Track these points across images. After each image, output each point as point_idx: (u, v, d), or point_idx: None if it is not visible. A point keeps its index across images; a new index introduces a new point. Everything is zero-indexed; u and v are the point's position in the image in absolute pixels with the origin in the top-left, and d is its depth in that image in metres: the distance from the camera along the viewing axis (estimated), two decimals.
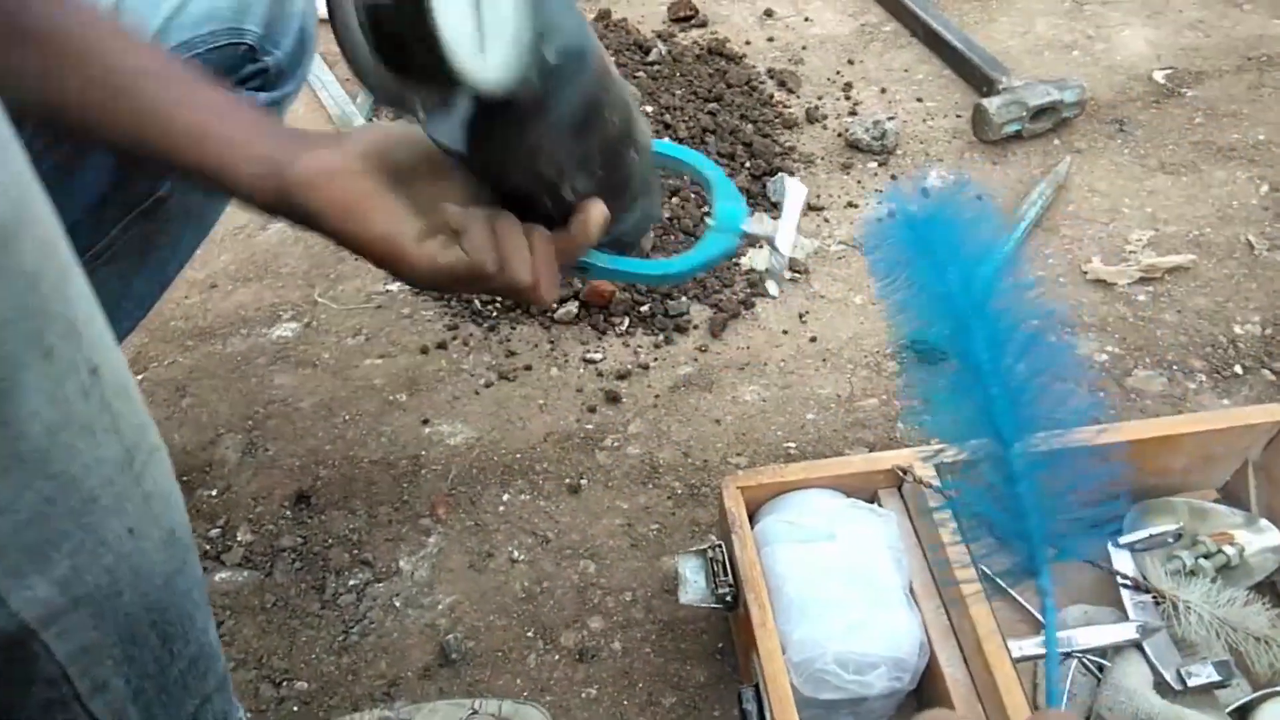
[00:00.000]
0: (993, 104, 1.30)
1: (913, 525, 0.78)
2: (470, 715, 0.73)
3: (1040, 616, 0.78)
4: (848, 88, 1.43)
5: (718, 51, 1.46)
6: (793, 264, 1.16)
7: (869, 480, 0.80)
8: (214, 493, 0.95)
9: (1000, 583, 0.81)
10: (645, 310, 1.11)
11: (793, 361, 1.07)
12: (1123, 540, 0.80)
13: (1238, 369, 1.04)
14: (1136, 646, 0.74)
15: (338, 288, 1.17)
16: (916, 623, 0.71)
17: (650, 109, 1.33)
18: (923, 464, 0.78)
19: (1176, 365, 1.05)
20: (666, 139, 1.27)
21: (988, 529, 0.55)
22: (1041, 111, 1.31)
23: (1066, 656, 0.74)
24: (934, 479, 0.76)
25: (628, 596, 0.86)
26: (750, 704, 0.67)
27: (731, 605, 0.74)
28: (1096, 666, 0.75)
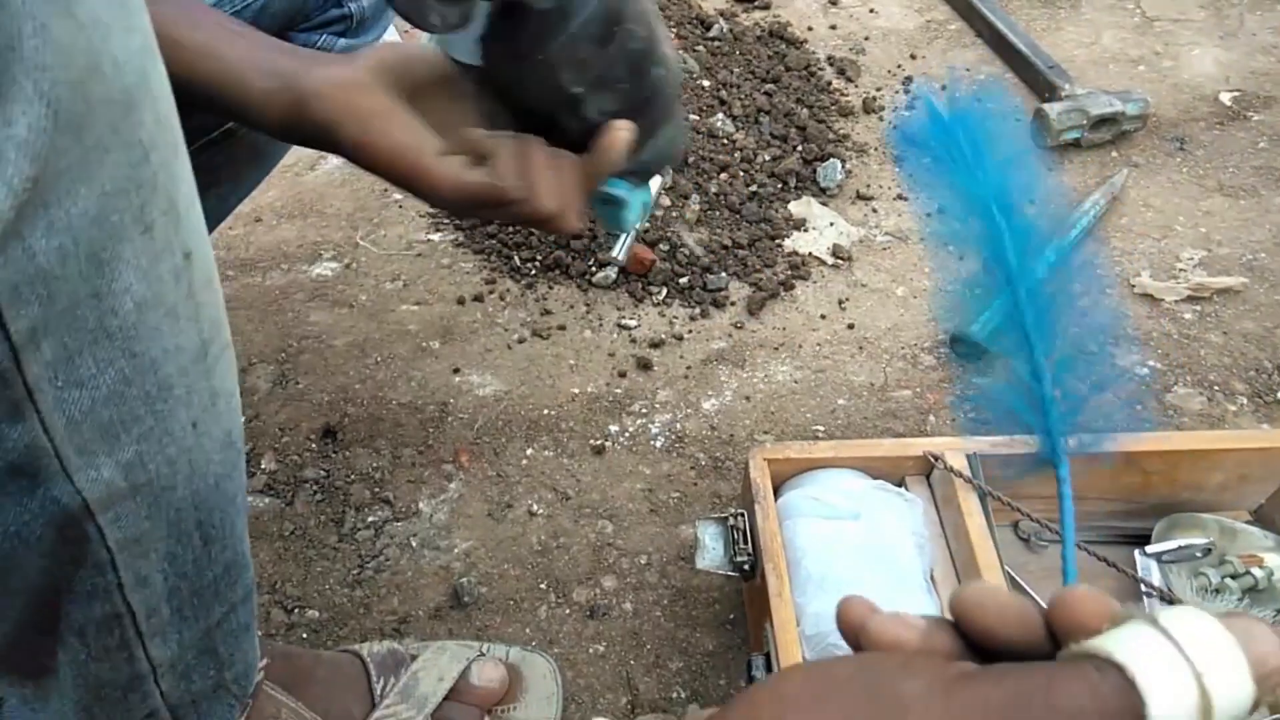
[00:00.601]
0: (1054, 110, 1.28)
1: (938, 514, 0.77)
2: (478, 657, 0.73)
3: None
4: (908, 81, 1.42)
5: (779, 34, 1.45)
6: (836, 250, 1.15)
7: (898, 465, 0.79)
8: (243, 420, 0.96)
9: (1022, 583, 0.80)
10: (684, 282, 1.10)
11: (828, 346, 1.06)
12: (1150, 550, 0.79)
13: None
14: None
15: (380, 232, 1.17)
16: (935, 608, 0.71)
17: (707, 84, 1.32)
18: (954, 453, 0.77)
19: (1218, 386, 1.03)
20: (720, 115, 1.27)
21: (1012, 421, 0.56)
22: (1102, 121, 1.29)
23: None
24: (965, 468, 0.75)
25: (643, 560, 0.86)
26: (760, 672, 0.67)
27: (749, 574, 0.74)
28: None
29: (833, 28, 1.52)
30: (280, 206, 1.20)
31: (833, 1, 1.57)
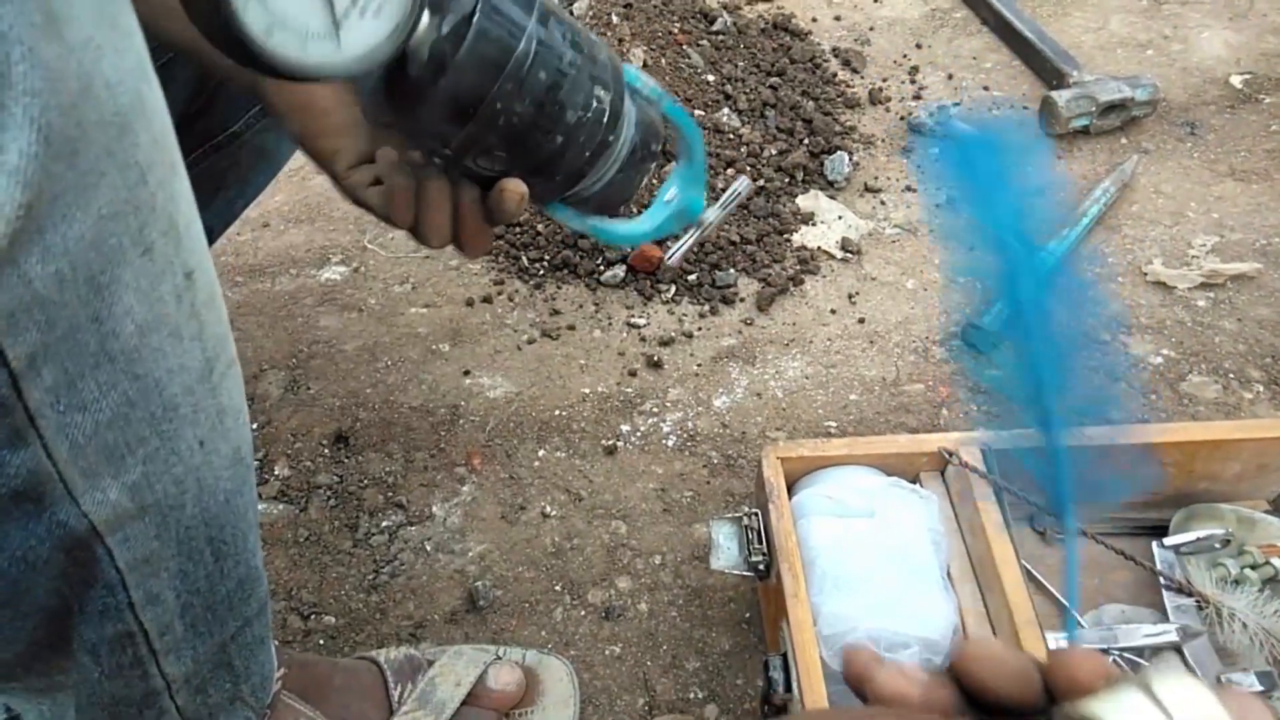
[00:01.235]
0: (1062, 97, 1.27)
1: (954, 510, 0.77)
2: (494, 661, 0.73)
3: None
4: (914, 71, 1.41)
5: (783, 26, 1.44)
6: (845, 244, 1.14)
7: (912, 462, 0.79)
8: (254, 427, 0.96)
9: (1039, 576, 0.80)
10: (692, 279, 1.10)
11: (839, 341, 1.05)
12: (1168, 542, 0.79)
13: None
14: (1176, 649, 0.72)
15: (387, 235, 1.17)
16: (951, 606, 0.70)
17: (712, 79, 1.31)
18: (969, 448, 0.76)
19: (1233, 374, 1.02)
20: (726, 110, 1.26)
21: (1021, 471, 0.56)
22: (1111, 108, 1.28)
23: (1104, 653, 0.73)
24: (980, 464, 0.75)
25: (657, 560, 0.86)
26: (777, 672, 0.67)
27: (764, 574, 0.74)
28: (1131, 666, 0.73)
29: (837, 19, 1.51)
30: (288, 211, 1.20)
31: None
